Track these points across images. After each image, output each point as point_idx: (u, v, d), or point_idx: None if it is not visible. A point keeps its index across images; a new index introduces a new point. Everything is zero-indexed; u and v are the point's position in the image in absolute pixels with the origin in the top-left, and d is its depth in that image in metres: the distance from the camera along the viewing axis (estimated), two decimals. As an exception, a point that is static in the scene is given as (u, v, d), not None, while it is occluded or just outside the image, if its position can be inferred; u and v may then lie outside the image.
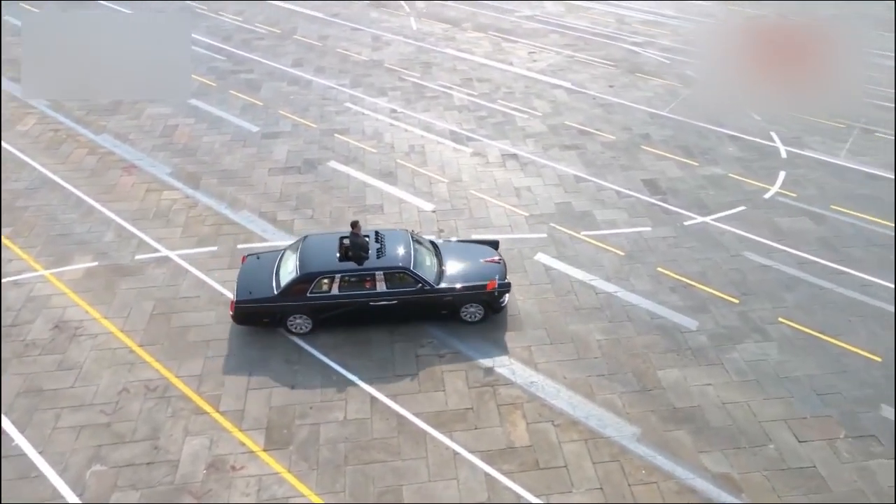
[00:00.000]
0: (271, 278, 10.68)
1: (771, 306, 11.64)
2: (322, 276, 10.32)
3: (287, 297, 10.34)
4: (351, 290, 10.49)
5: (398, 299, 10.61)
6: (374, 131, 17.45)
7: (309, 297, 10.39)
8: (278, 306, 10.38)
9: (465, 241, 12.20)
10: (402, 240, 11.05)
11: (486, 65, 21.70)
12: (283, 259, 11.02)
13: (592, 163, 16.02)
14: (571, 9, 27.23)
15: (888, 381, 10.17)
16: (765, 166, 15.96)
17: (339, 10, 27.06)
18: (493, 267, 11.30)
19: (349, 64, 21.73)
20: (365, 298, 10.53)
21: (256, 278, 10.72)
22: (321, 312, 10.56)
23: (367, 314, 10.74)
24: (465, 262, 11.33)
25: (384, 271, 10.45)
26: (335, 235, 11.18)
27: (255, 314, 10.44)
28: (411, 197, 14.64)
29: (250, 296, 10.39)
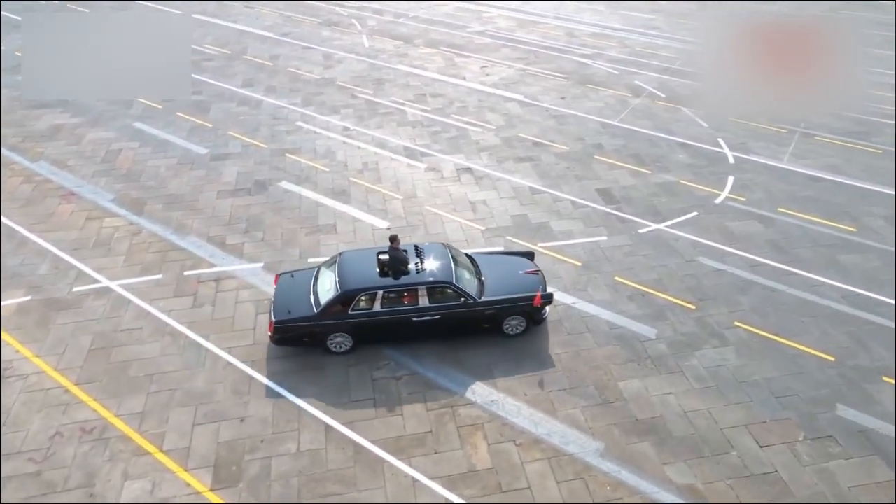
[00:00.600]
0: (309, 297, 10.32)
1: (727, 311, 11.60)
2: (363, 292, 9.99)
3: (328, 315, 10.00)
4: (393, 305, 10.16)
5: (441, 314, 10.30)
6: (327, 150, 17.02)
7: (350, 315, 10.06)
8: (319, 325, 10.04)
9: (500, 253, 11.89)
10: (441, 253, 10.75)
11: (438, 80, 21.54)
12: (320, 276, 10.65)
13: (547, 174, 15.91)
14: (522, 24, 27.38)
15: (842, 380, 10.17)
16: (714, 172, 16.10)
17: (289, 29, 26.61)
18: (533, 278, 11.02)
19: (300, 83, 21.28)
20: (407, 314, 10.21)
21: (294, 297, 10.35)
22: (363, 330, 10.23)
23: (408, 330, 10.40)
24: (504, 274, 11.04)
25: (427, 286, 10.13)
26: (372, 251, 10.84)
27: (295, 334, 10.08)
28: (365, 215, 14.23)
29: (289, 315, 10.00)
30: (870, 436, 9.23)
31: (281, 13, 28.74)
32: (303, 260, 12.70)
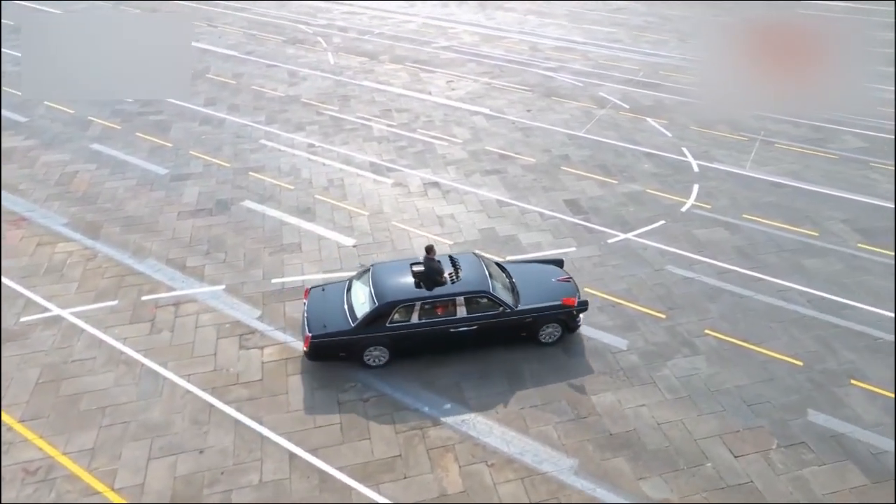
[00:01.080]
0: (344, 310, 10.11)
1: (697, 319, 11.48)
2: (401, 304, 9.80)
3: (365, 328, 9.80)
4: (431, 317, 9.98)
5: (478, 324, 10.15)
6: (291, 167, 16.61)
7: (388, 328, 9.86)
8: (356, 339, 9.82)
9: (528, 261, 11.75)
10: (474, 263, 10.66)
11: (404, 95, 21.34)
12: (352, 290, 10.45)
13: (515, 186, 15.75)
14: (487, 39, 27.44)
15: (811, 385, 10.09)
16: (679, 180, 16.14)
17: (253, 47, 26.21)
18: (566, 286, 10.97)
19: (264, 101, 20.86)
20: (445, 325, 10.03)
21: (328, 311, 10.12)
22: (400, 342, 10.02)
23: (446, 341, 10.23)
24: (537, 282, 10.96)
25: (464, 296, 9.96)
26: (404, 262, 10.67)
27: (331, 348, 9.85)
28: (331, 232, 13.85)
29: (325, 329, 9.77)
30: (841, 441, 9.13)
31: (245, 31, 28.33)
32: (266, 280, 12.25)
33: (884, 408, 9.70)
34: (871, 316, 11.61)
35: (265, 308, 11.54)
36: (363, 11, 31.76)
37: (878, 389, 10.05)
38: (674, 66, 24.12)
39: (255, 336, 10.85)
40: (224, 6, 32.38)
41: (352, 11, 31.76)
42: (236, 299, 11.73)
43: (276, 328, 11.05)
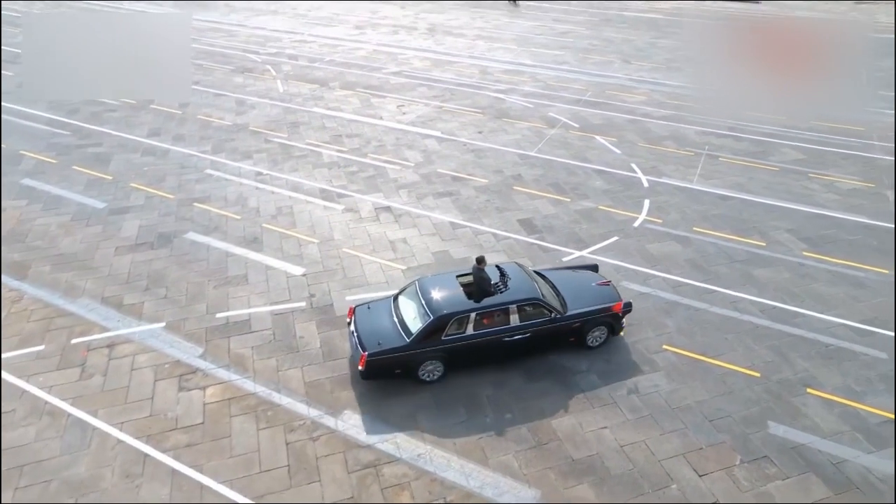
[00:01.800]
0: (396, 326, 9.88)
1: (654, 334, 11.25)
2: (456, 316, 9.63)
3: (421, 342, 9.56)
4: (485, 327, 9.85)
5: (531, 332, 10.08)
6: (238, 196, 15.91)
7: (444, 341, 9.66)
8: (412, 354, 9.57)
9: (565, 268, 11.76)
10: (520, 272, 10.63)
11: (355, 120, 20.93)
12: (400, 305, 10.23)
13: (468, 208, 15.42)
14: (437, 63, 27.39)
15: (769, 396, 9.91)
16: (631, 196, 16.10)
17: (200, 77, 25.47)
18: (607, 289, 11.04)
19: (211, 130, 20.13)
20: (499, 335, 9.93)
21: (379, 328, 9.86)
22: (456, 355, 9.84)
23: (500, 351, 10.10)
24: (579, 287, 11.00)
25: (516, 304, 9.89)
26: (449, 274, 10.55)
27: (387, 365, 9.56)
28: (279, 262, 13.19)
29: (380, 347, 9.47)
30: (802, 452, 8.92)
31: (192, 62, 27.57)
32: (210, 315, 11.49)
33: (840, 416, 9.56)
34: (820, 323, 11.59)
35: (208, 345, 10.78)
36: (313, 40, 31.42)
37: (834, 397, 9.93)
38: (620, 86, 24.47)
39: (197, 376, 10.08)
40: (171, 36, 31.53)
41: (302, 40, 31.39)
42: (177, 337, 10.94)
43: (219, 366, 10.30)
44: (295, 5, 39.94)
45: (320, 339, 11.04)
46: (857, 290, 12.52)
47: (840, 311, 11.90)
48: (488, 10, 38.54)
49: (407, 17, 36.43)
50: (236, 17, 36.55)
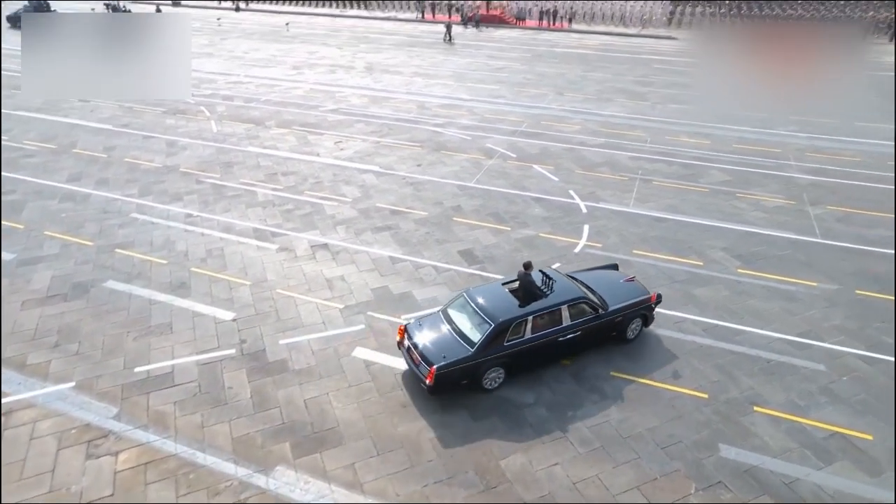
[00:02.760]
0: (455, 338, 9.81)
1: (601, 361, 10.83)
2: (516, 321, 9.75)
3: (485, 350, 9.55)
4: (541, 329, 10.03)
5: (580, 329, 10.38)
6: (165, 240, 14.81)
7: (506, 346, 9.73)
8: (477, 363, 9.55)
9: (589, 270, 12.12)
10: (558, 276, 10.97)
11: (291, 158, 20.19)
12: (453, 318, 10.18)
13: (407, 241, 14.83)
14: (375, 100, 27.09)
15: (718, 418, 9.59)
16: (570, 222, 15.92)
17: (130, 120, 24.24)
18: (634, 284, 11.55)
19: (139, 173, 18.96)
20: (554, 335, 10.15)
21: (438, 342, 9.75)
22: (517, 359, 9.91)
23: (555, 351, 10.34)
24: (610, 285, 11.35)
25: (567, 304, 10.19)
26: (495, 283, 10.76)
27: (455, 377, 9.49)
28: (208, 308, 12.17)
29: (445, 360, 9.35)
30: (755, 474, 8.56)
31: (121, 105, 26.31)
32: (128, 370, 10.35)
33: (787, 432, 9.31)
34: (760, 339, 11.48)
35: (124, 404, 9.64)
36: (249, 80, 30.68)
37: (780, 413, 9.70)
38: (554, 117, 24.73)
39: (109, 440, 8.93)
40: (99, 80, 30.13)
41: (238, 81, 30.59)
42: (88, 397, 9.75)
43: (136, 427, 9.18)
44: (231, 47, 39.18)
45: (251, 388, 10.08)
46: (791, 304, 12.56)
47: (777, 326, 11.85)
48: (425, 49, 38.84)
49: (345, 56, 36.24)
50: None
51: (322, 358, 10.82)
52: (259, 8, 56.74)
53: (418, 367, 9.61)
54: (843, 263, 14.11)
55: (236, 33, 44.38)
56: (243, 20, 50.35)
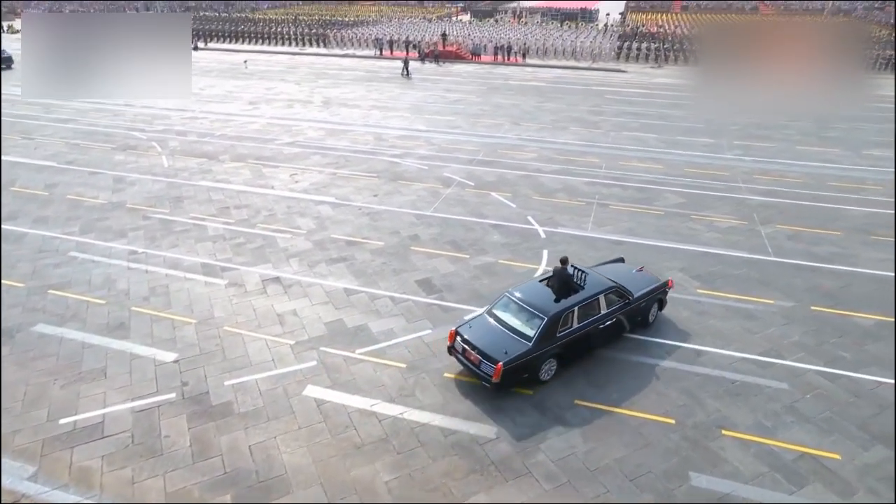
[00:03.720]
0: (509, 335, 10.08)
1: (564, 389, 10.28)
2: (566, 312, 10.22)
3: (541, 343, 9.92)
4: (585, 319, 10.51)
5: (615, 316, 10.99)
6: (106, 279, 13.76)
7: (559, 337, 10.15)
8: (536, 356, 9.89)
9: (601, 265, 12.65)
10: (587, 269, 11.46)
11: (245, 191, 19.39)
12: (500, 317, 10.49)
13: (363, 272, 14.15)
14: (332, 133, 26.59)
15: (687, 444, 9.11)
16: (529, 248, 15.54)
17: (76, 156, 23.06)
18: (645, 274, 12.39)
19: (81, 210, 17.84)
20: (596, 323, 10.68)
21: (495, 341, 9.97)
22: (568, 349, 10.38)
23: (597, 339, 10.89)
24: (626, 276, 11.97)
25: (603, 294, 10.80)
26: (533, 282, 11.19)
27: (518, 371, 9.76)
28: (147, 349, 11.18)
29: (508, 356, 9.62)
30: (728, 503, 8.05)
31: (67, 142, 25.08)
32: (52, 423, 9.27)
33: (757, 456, 8.88)
34: (722, 359, 11.15)
35: (44, 461, 8.56)
36: (205, 116, 29.84)
37: (748, 436, 9.29)
38: (511, 146, 24.66)
39: (23, 504, 7.83)
40: (46, 118, 28.86)
41: (193, 117, 29.70)
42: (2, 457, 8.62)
43: (55, 487, 8.12)
44: (187, 84, 38.30)
45: (190, 435, 9.13)
46: (750, 323, 12.33)
47: (739, 346, 11.56)
48: (383, 83, 38.75)
49: (302, 92, 35.78)
50: (123, 98, 34.35)
51: (270, 398, 9.95)
52: (217, 47, 56.11)
53: (479, 366, 9.79)
54: (797, 280, 14.06)
55: (194, 71, 43.54)
56: (201, 59, 49.60)
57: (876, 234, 16.57)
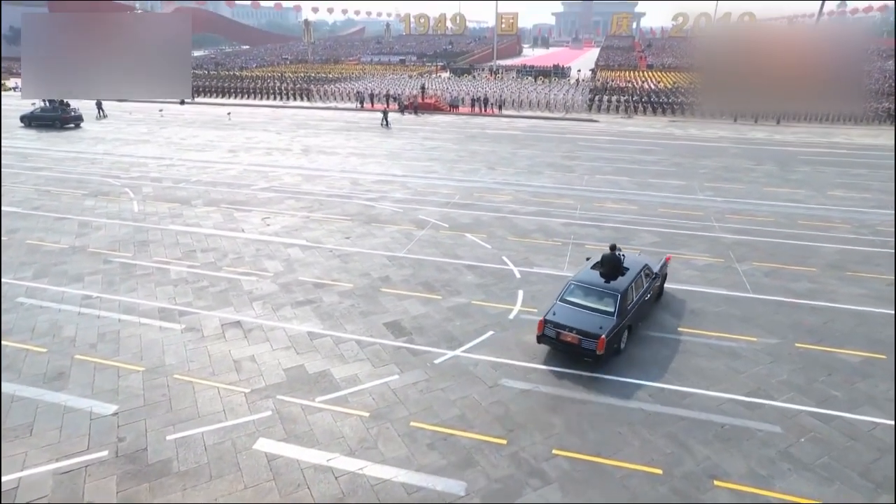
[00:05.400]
0: (594, 314, 11.03)
1: (542, 438, 9.17)
2: (628, 288, 11.45)
3: (620, 316, 10.99)
4: (637, 292, 11.81)
5: (651, 290, 12.53)
6: (51, 326, 12.50)
7: (628, 310, 11.30)
8: (621, 327, 10.94)
9: None
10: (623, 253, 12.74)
11: (214, 235, 18.36)
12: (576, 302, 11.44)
13: (330, 315, 13.07)
14: (308, 178, 25.88)
15: (677, 496, 8.00)
16: (504, 288, 14.63)
17: (44, 202, 21.95)
18: (646, 256, 14.52)
19: (38, 255, 16.62)
20: (643, 296, 12.02)
21: (585, 320, 10.92)
22: (632, 319, 11.48)
23: (645, 309, 12.33)
24: (633, 258, 13.13)
25: (642, 271, 12.26)
26: (585, 269, 12.45)
27: (612, 342, 10.71)
28: (85, 401, 9.89)
29: (603, 330, 10.61)
30: (728, 566, 6.91)
31: (38, 188, 24.00)
32: (-40, 489, 7.87)
33: (756, 509, 7.79)
34: (710, 401, 10.17)
35: (-59, 536, 7.15)
36: (182, 163, 29.03)
37: (742, 487, 8.23)
38: (486, 189, 24.11)
39: None
40: (21, 167, 27.82)
41: (171, 164, 28.88)
42: None
43: (-53, 569, 6.70)
44: (169, 135, 37.69)
45: (118, 500, 7.80)
46: (735, 361, 11.43)
47: (725, 386, 10.62)
48: (362, 132, 38.53)
49: (282, 140, 35.32)
50: (103, 147, 33.54)
51: (216, 454, 8.68)
52: (203, 101, 56.05)
53: (580, 344, 10.67)
54: (778, 317, 13.28)
55: (177, 123, 43.12)
56: (186, 111, 49.33)
57: (851, 270, 16.00)
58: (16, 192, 23.28)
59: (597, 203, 22.24)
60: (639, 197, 23.16)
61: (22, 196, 22.80)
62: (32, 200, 22.22)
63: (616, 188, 24.51)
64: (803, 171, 28.00)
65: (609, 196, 23.26)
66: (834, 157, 31.84)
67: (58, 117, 39.97)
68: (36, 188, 24.04)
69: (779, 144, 35.49)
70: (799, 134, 39.52)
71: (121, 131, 38.99)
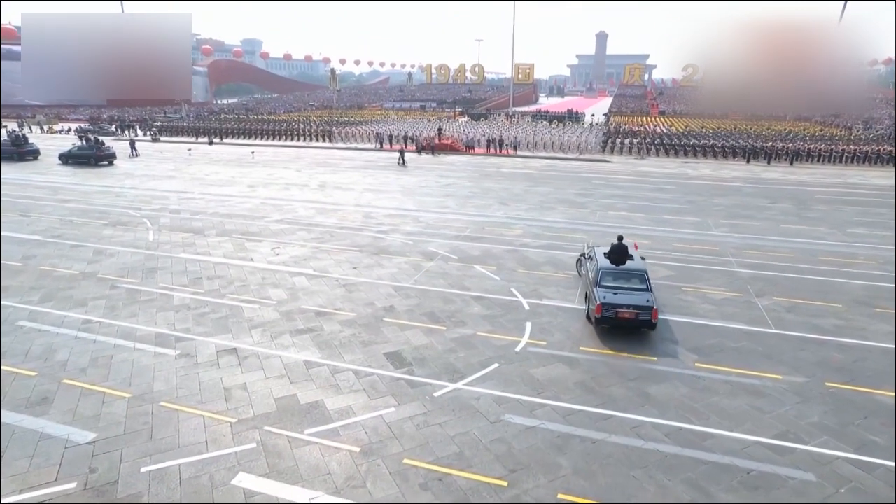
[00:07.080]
0: (635, 292, 12.62)
1: (546, 480, 8.10)
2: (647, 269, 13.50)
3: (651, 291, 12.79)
4: None
5: None
6: (45, 349, 11.90)
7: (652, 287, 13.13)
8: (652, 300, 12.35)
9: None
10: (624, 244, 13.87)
11: (222, 263, 17.86)
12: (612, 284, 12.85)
13: (329, 344, 12.26)
14: (322, 211, 25.51)
15: (701, 553, 6.83)
16: (512, 320, 13.72)
17: (64, 231, 21.84)
18: None
19: (49, 279, 16.25)
20: None
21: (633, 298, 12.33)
22: None
23: None
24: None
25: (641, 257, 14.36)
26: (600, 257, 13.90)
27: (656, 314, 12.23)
28: (63, 428, 9.13)
29: (649, 303, 12.19)
30: None
31: (62, 219, 23.99)
32: (-88, 521, 7.07)
33: (792, 570, 6.58)
34: (733, 443, 9.02)
35: None
36: (201, 196, 29.02)
37: (775, 542, 7.02)
38: (498, 223, 23.41)
39: None
40: (50, 199, 28.06)
41: (191, 198, 28.88)
42: None
43: None
44: (194, 171, 38.06)
45: (78, 539, 6.92)
46: (759, 400, 10.27)
47: (749, 427, 9.46)
48: (379, 170, 38.47)
49: (301, 177, 35.35)
50: (131, 181, 33.91)
51: (190, 489, 7.79)
52: (231, 142, 57.13)
53: (638, 317, 12.08)
54: (804, 354, 12.10)
55: (203, 161, 43.72)
56: (212, 151, 50.16)
57: (879, 307, 14.76)
58: (40, 222, 23.27)
59: (610, 238, 21.28)
60: (653, 232, 22.22)
61: (45, 225, 22.75)
62: (55, 229, 22.13)
63: (630, 223, 23.62)
64: (821, 210, 26.83)
65: (623, 231, 22.31)
66: (852, 196, 30.62)
67: (93, 155, 40.83)
68: (60, 218, 24.04)
69: (793, 184, 34.40)
70: (814, 175, 38.40)
71: (150, 168, 39.54)
